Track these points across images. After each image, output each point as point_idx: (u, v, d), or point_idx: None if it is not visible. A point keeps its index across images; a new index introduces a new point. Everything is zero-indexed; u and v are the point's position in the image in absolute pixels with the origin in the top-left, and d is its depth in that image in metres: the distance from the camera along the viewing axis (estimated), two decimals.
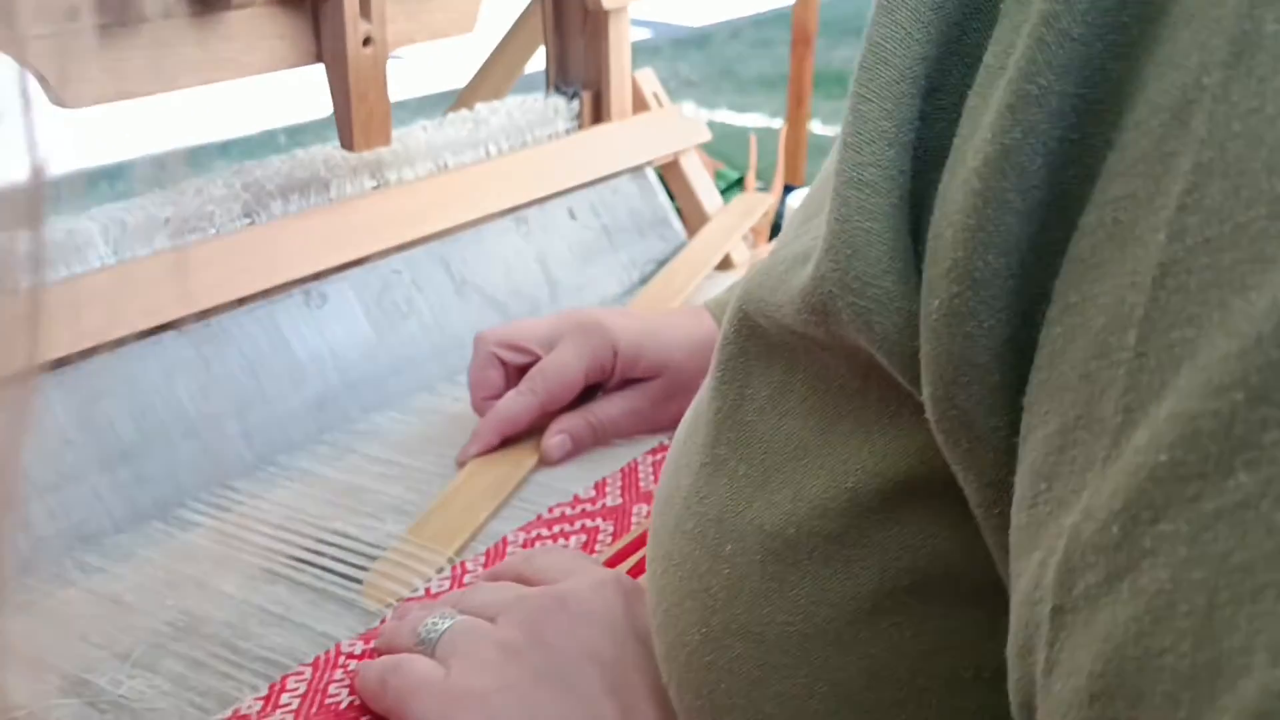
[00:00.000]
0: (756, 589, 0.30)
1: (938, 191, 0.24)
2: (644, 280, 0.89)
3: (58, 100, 0.59)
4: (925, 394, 0.24)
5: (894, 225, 0.24)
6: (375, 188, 0.76)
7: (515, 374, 0.65)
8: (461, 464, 0.63)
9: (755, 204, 0.99)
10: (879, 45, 0.25)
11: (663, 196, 0.94)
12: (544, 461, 0.62)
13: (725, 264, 0.93)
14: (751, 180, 1.07)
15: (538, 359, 0.64)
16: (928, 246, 0.24)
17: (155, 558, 0.57)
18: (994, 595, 0.24)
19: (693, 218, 0.96)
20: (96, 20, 0.59)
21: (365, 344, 0.72)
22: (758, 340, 0.31)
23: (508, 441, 0.63)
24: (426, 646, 0.44)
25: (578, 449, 0.63)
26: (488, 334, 0.65)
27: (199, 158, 2.32)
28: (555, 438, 0.62)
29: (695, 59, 5.15)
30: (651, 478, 0.61)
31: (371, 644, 0.49)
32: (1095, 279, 0.20)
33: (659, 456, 0.63)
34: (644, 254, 0.91)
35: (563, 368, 0.62)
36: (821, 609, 0.28)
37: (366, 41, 0.68)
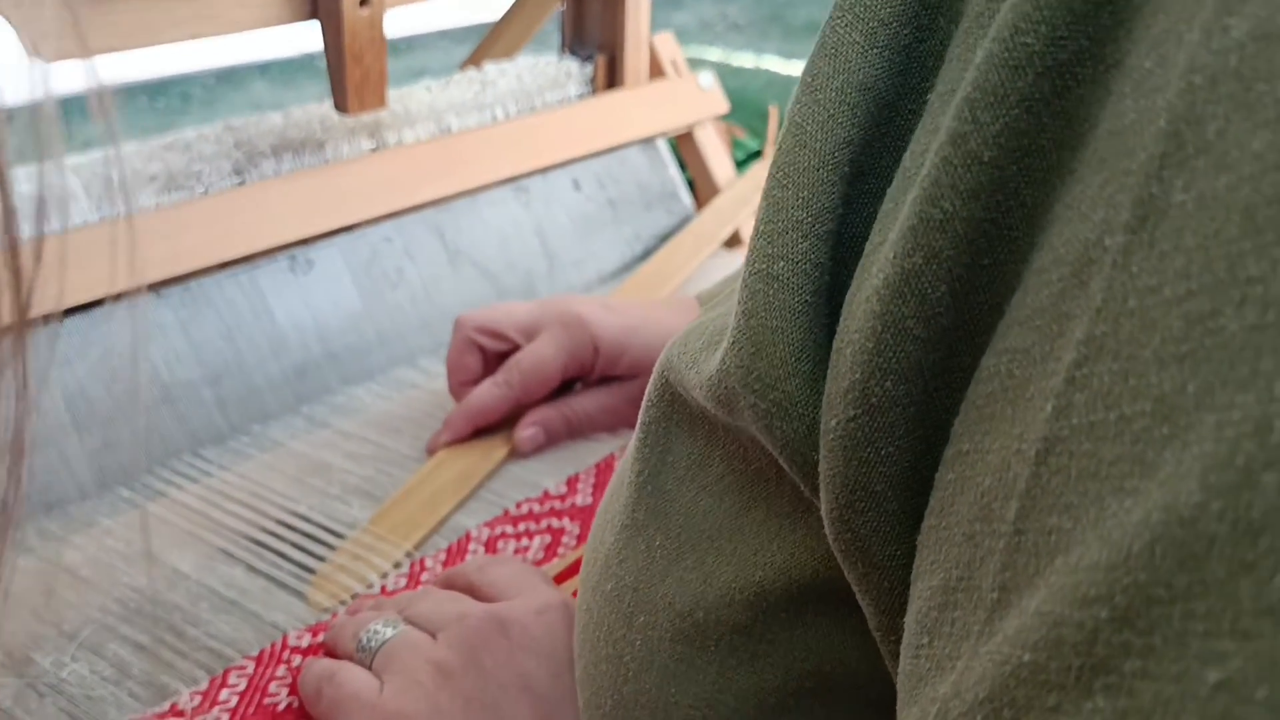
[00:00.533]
0: (665, 667, 0.28)
1: (846, 298, 0.22)
2: (646, 255, 0.87)
3: (35, 53, 0.57)
4: (823, 511, 0.22)
5: (803, 324, 0.23)
6: (373, 149, 0.74)
7: (494, 360, 0.63)
8: (432, 451, 0.61)
9: None
10: (798, 126, 0.23)
11: (673, 169, 0.92)
12: (515, 453, 0.61)
13: (734, 240, 0.91)
14: (770, 155, 1.04)
15: (517, 347, 0.62)
16: (831, 358, 0.22)
17: (116, 528, 0.56)
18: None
19: (705, 191, 0.94)
20: None
21: (350, 313, 0.70)
22: (680, 408, 0.29)
23: (480, 431, 0.61)
24: (365, 655, 0.43)
25: (551, 442, 0.62)
26: (467, 318, 0.63)
27: (238, 78, 2.30)
28: (528, 430, 0.61)
29: (744, 1, 5.05)
30: None
31: (320, 637, 0.48)
32: (986, 431, 0.18)
33: None
34: (649, 228, 0.88)
35: (540, 362, 0.60)
36: (726, 698, 0.27)
37: (363, 2, 0.66)
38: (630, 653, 0.29)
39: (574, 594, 0.49)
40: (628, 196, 0.88)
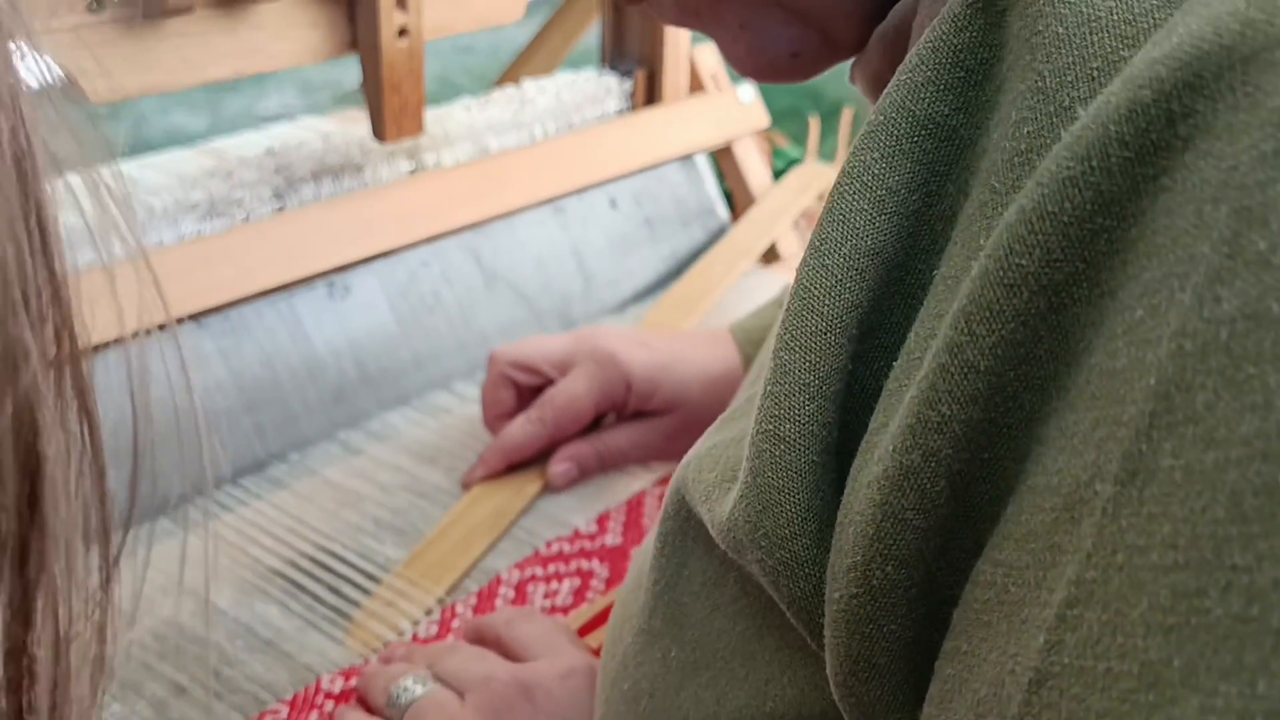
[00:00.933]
0: None
1: (852, 465, 0.22)
2: (681, 273, 0.87)
3: (82, 95, 0.58)
4: (829, 672, 0.23)
5: (810, 484, 0.23)
6: (411, 171, 0.75)
7: (528, 393, 0.64)
8: (467, 486, 0.62)
9: (811, 179, 0.95)
10: (806, 290, 0.23)
11: (711, 184, 0.91)
12: (548, 489, 0.62)
13: (771, 255, 0.91)
14: (810, 164, 1.03)
15: (550, 381, 0.62)
16: (835, 532, 0.22)
17: (155, 559, 0.57)
18: None
19: (742, 205, 0.93)
20: (121, 13, 0.58)
21: (387, 338, 0.71)
22: (695, 526, 0.30)
23: (514, 466, 0.62)
24: (395, 710, 0.44)
25: (583, 477, 0.62)
26: (501, 353, 0.63)
27: None
28: (561, 466, 0.61)
29: None
30: (654, 514, 0.60)
31: (351, 682, 0.49)
32: (983, 638, 0.19)
33: (663, 489, 0.62)
34: (685, 245, 0.88)
35: (573, 400, 0.61)
36: None
37: (402, 32, 0.66)
38: None
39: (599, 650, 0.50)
40: (664, 214, 0.88)
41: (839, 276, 0.23)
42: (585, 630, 0.51)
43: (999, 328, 0.19)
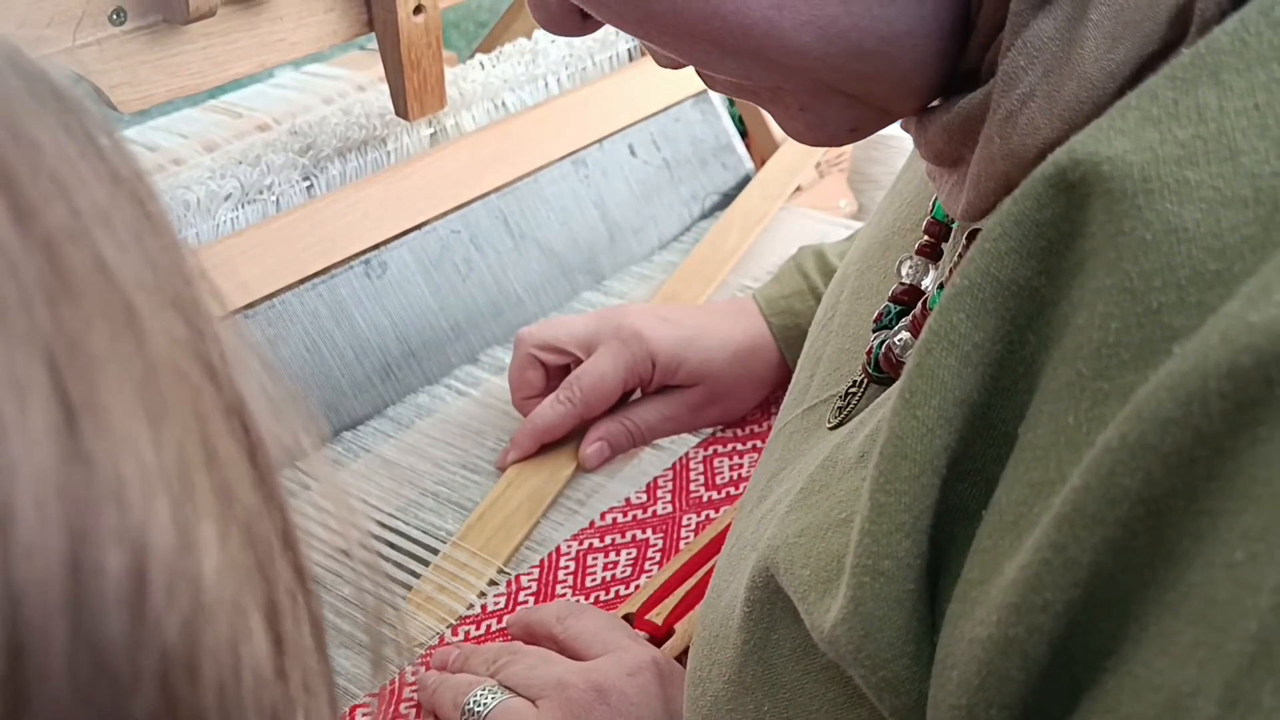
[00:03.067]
0: None
1: (947, 613, 0.24)
2: (705, 215, 0.88)
3: (112, 105, 0.59)
4: None
5: (908, 610, 0.25)
6: (432, 134, 0.75)
7: (555, 373, 0.65)
8: (502, 468, 0.64)
9: None
10: (900, 439, 0.25)
11: (726, 120, 0.92)
12: (582, 468, 0.64)
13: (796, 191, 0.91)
14: None
15: (576, 360, 0.64)
16: (936, 665, 0.24)
17: None
18: None
19: (759, 136, 0.94)
20: (144, 21, 0.58)
21: (425, 310, 0.73)
22: (784, 599, 0.32)
23: (546, 447, 0.64)
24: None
25: (615, 454, 0.64)
26: (527, 335, 0.65)
27: None
28: (593, 445, 0.63)
29: None
30: (702, 480, 0.63)
31: (431, 661, 0.53)
32: None
33: (709, 451, 0.65)
34: (706, 186, 0.89)
35: (600, 379, 0.62)
36: None
37: (417, 10, 0.66)
38: None
39: (660, 626, 0.53)
40: (683, 155, 0.88)
41: (930, 425, 0.25)
42: (648, 606, 0.54)
43: (1101, 531, 0.21)
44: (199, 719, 0.17)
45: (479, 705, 0.46)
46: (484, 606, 0.56)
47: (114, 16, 0.57)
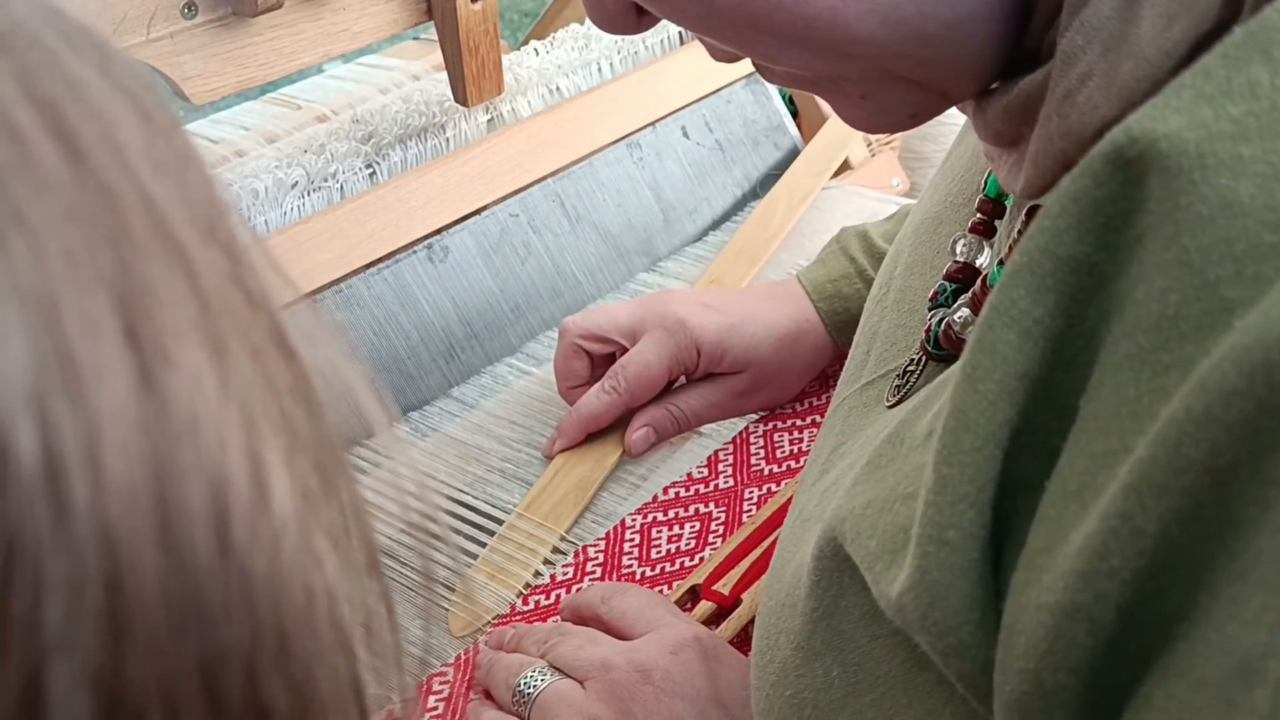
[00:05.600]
0: None
1: (1013, 581, 0.25)
2: (757, 194, 0.88)
3: (184, 97, 0.61)
4: None
5: (973, 579, 0.26)
6: (489, 120, 0.77)
7: (600, 361, 0.66)
8: (549, 456, 0.65)
9: None
10: (962, 413, 0.26)
11: (778, 100, 0.92)
12: (628, 454, 0.64)
13: (842, 165, 0.92)
14: None
15: (621, 348, 0.65)
16: (1002, 632, 0.25)
17: None
18: None
19: (811, 119, 0.94)
20: (214, 14, 0.60)
21: (486, 292, 0.74)
22: (852, 566, 0.32)
23: (592, 435, 0.65)
24: (522, 704, 0.48)
25: (661, 440, 0.65)
26: (571, 324, 0.65)
27: None
28: (639, 431, 0.64)
29: None
30: (763, 455, 0.64)
31: (507, 629, 0.54)
32: None
33: (769, 426, 0.66)
34: (758, 165, 0.90)
35: (645, 368, 0.63)
36: None
37: None
38: None
39: (718, 593, 0.54)
40: (735, 136, 0.89)
41: (992, 399, 0.26)
42: (714, 577, 0.55)
43: (1167, 500, 0.22)
44: (284, 642, 0.18)
45: (529, 686, 0.47)
46: (553, 576, 0.58)
47: (186, 10, 0.59)
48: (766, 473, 0.62)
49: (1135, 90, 0.26)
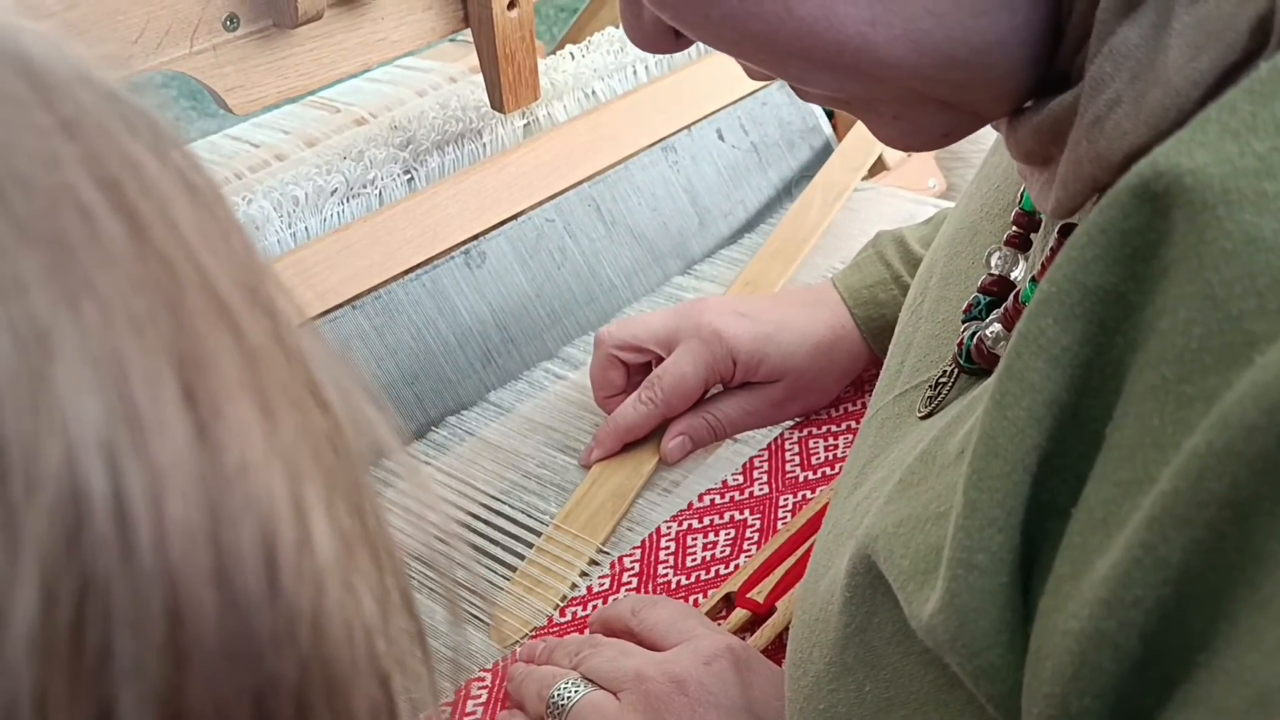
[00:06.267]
0: None
1: (1040, 606, 0.26)
2: (793, 197, 0.88)
3: (227, 108, 0.62)
4: None
5: (1001, 603, 0.27)
6: (525, 126, 0.77)
7: (636, 371, 0.66)
8: (586, 466, 0.65)
9: None
10: (991, 438, 0.27)
11: None
12: (664, 463, 0.65)
13: (878, 166, 0.92)
14: None
15: (656, 358, 0.65)
16: (1029, 656, 0.26)
17: None
18: None
19: (847, 120, 0.94)
20: (256, 26, 0.61)
21: (522, 297, 0.75)
22: (884, 584, 0.33)
23: (628, 445, 0.65)
24: (555, 716, 0.48)
25: (697, 448, 0.65)
26: (607, 335, 0.66)
27: None
28: (675, 440, 0.64)
29: None
30: (798, 462, 0.64)
31: (541, 641, 0.55)
32: None
33: (804, 432, 0.66)
34: (792, 166, 0.90)
35: (681, 379, 0.63)
36: None
37: (511, 4, 0.68)
38: None
39: (753, 601, 0.54)
40: (770, 138, 0.89)
41: (1020, 426, 0.26)
42: (749, 585, 0.55)
43: (1189, 532, 0.22)
44: (326, 673, 0.19)
45: (563, 698, 0.48)
46: (589, 588, 0.58)
47: (228, 23, 0.60)
48: (801, 479, 0.62)
49: (1163, 118, 0.27)
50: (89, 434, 0.16)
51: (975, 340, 0.38)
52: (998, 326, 0.37)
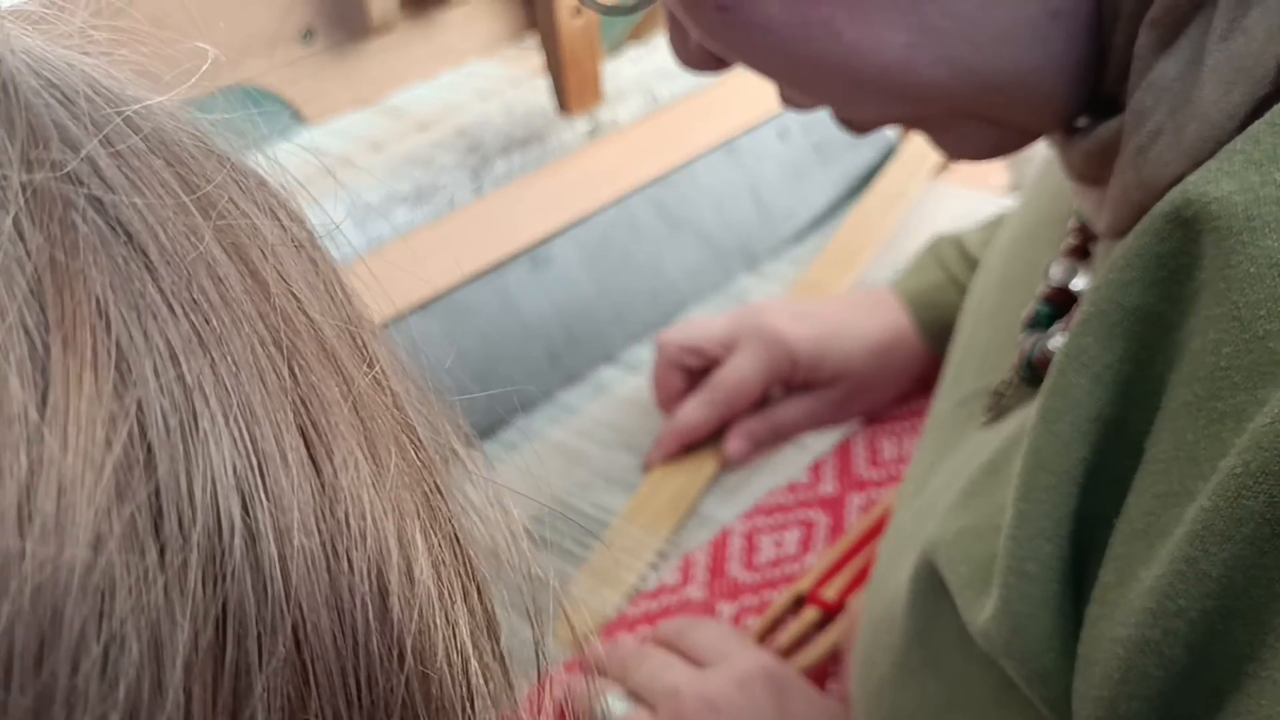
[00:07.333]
0: None
1: (1088, 614, 0.26)
2: (853, 195, 0.88)
3: (302, 118, 0.63)
4: None
5: (1053, 609, 0.28)
6: (590, 131, 0.78)
7: (698, 374, 0.67)
8: (648, 467, 0.66)
9: None
10: (1038, 452, 0.28)
11: None
12: (725, 464, 0.65)
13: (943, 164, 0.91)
14: None
15: (716, 360, 0.65)
16: (1078, 661, 0.26)
17: None
18: None
19: None
20: (331, 39, 0.62)
21: (587, 299, 0.76)
22: (945, 589, 0.33)
23: (690, 447, 0.66)
24: None
25: (757, 452, 0.65)
26: (668, 339, 0.66)
27: None
28: (736, 441, 0.64)
29: None
30: (865, 460, 0.64)
31: (605, 641, 0.56)
32: None
33: (872, 432, 0.66)
34: (855, 166, 0.90)
35: (741, 382, 0.64)
36: None
37: (577, 11, 0.69)
38: None
39: (833, 604, 0.54)
40: (832, 137, 0.89)
41: (1066, 440, 0.27)
42: (820, 583, 0.56)
43: (1230, 547, 0.23)
44: (429, 692, 0.20)
45: (609, 714, 0.49)
46: (661, 583, 0.59)
47: (305, 37, 0.61)
48: (870, 479, 0.63)
49: (1202, 149, 0.28)
50: (227, 478, 0.18)
51: (1037, 353, 0.38)
52: (1060, 339, 0.38)
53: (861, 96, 0.33)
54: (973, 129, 0.34)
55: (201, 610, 0.17)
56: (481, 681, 0.23)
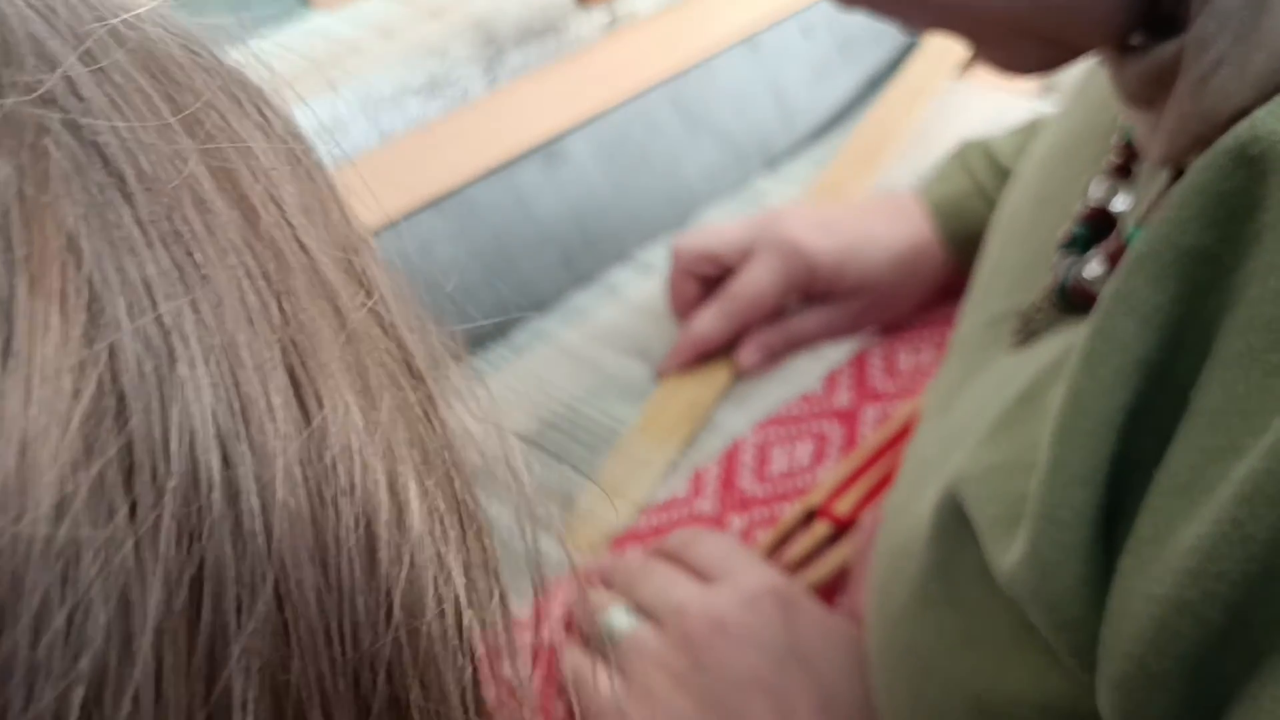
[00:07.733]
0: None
1: (1120, 566, 0.26)
2: (876, 93, 0.86)
3: (308, 3, 0.61)
4: (1101, 708, 0.26)
5: (1083, 557, 0.27)
6: (609, 24, 0.75)
7: (713, 282, 0.65)
8: (661, 375, 0.65)
9: None
10: (1079, 395, 0.26)
11: None
12: (739, 373, 0.64)
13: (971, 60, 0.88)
14: None
15: (733, 268, 0.64)
16: (1108, 614, 0.26)
17: None
18: None
19: None
20: None
21: (602, 198, 0.74)
22: (969, 526, 0.33)
23: (704, 356, 0.64)
24: (605, 645, 0.48)
25: (772, 362, 0.64)
26: (683, 247, 0.64)
27: None
28: (750, 351, 0.63)
29: None
30: (881, 371, 0.63)
31: (613, 553, 0.56)
32: None
33: (889, 341, 0.65)
34: (880, 63, 0.87)
35: (757, 293, 0.62)
36: None
37: None
38: (925, 703, 0.35)
39: (845, 518, 0.54)
40: (856, 36, 0.86)
41: (1108, 384, 0.26)
42: (832, 497, 0.55)
43: (1277, 509, 0.22)
44: (417, 647, 0.19)
45: (611, 629, 0.48)
46: (672, 495, 0.59)
47: None
48: (885, 390, 0.62)
49: (1269, 81, 0.26)
50: (206, 424, 0.16)
51: (1072, 279, 0.37)
52: (1097, 266, 0.36)
53: (915, 9, 0.32)
54: (1025, 46, 0.33)
55: (175, 571, 0.16)
56: (477, 629, 0.22)
